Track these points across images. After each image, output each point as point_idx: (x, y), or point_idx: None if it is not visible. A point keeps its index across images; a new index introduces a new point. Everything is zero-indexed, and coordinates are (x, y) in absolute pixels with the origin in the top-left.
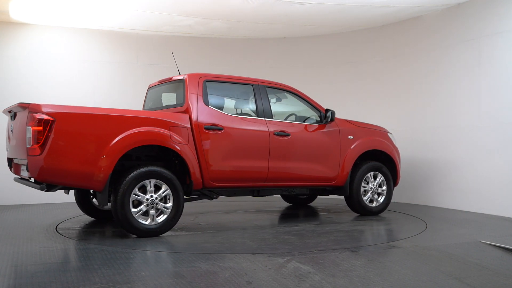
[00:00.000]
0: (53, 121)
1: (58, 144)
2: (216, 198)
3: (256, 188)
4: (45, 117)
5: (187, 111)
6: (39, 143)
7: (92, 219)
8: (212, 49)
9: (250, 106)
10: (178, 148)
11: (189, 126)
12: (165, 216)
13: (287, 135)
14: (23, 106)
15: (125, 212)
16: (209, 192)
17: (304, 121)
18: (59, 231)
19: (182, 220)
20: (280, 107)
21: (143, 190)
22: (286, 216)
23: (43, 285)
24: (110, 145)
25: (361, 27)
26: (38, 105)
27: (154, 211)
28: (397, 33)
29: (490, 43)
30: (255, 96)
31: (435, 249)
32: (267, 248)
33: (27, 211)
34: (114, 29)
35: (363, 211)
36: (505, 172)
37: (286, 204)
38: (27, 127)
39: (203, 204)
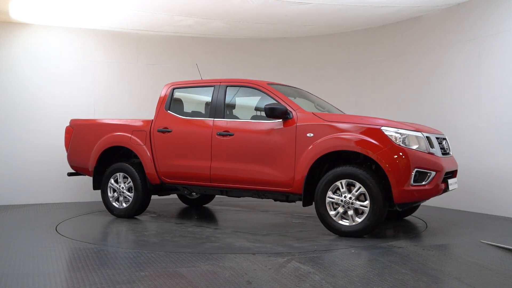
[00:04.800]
0: (73, 130)
1: (74, 145)
2: (187, 194)
3: (202, 186)
4: (69, 127)
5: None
6: (67, 144)
7: (90, 219)
8: (212, 49)
9: (206, 107)
10: (134, 148)
11: (148, 129)
12: (129, 203)
13: (231, 134)
14: None
15: (104, 196)
16: (182, 187)
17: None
18: (59, 231)
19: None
20: (250, 105)
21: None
22: (289, 217)
23: (43, 285)
24: (95, 146)
25: (361, 27)
26: (71, 120)
27: (122, 198)
28: (397, 33)
29: (490, 43)
30: (212, 96)
31: (435, 249)
32: (267, 248)
33: (27, 211)
34: (114, 29)
35: (331, 229)
36: (505, 172)
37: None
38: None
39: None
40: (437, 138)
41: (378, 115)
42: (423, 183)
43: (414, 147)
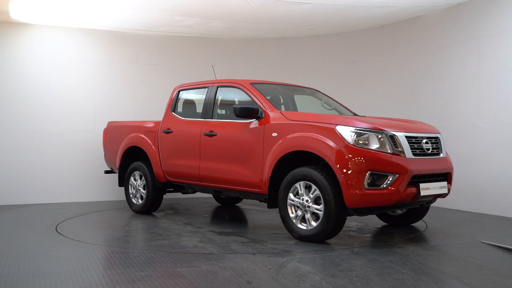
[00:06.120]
0: (107, 131)
1: (107, 145)
2: (190, 193)
3: (201, 186)
4: (105, 129)
5: None
6: (104, 145)
7: (90, 219)
8: (212, 49)
9: (200, 108)
10: (146, 148)
11: (156, 130)
12: (143, 200)
13: (214, 134)
14: None
15: (126, 193)
16: (187, 186)
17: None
18: (59, 231)
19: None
20: None
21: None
22: None
23: (43, 285)
24: (120, 146)
25: (361, 27)
26: (108, 122)
27: (139, 195)
28: (397, 33)
29: (490, 43)
30: (205, 97)
31: (435, 249)
32: (267, 248)
33: (27, 211)
34: (114, 29)
35: (291, 232)
36: (505, 172)
37: None
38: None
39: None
40: (414, 138)
41: (377, 115)
42: (382, 186)
43: (374, 147)
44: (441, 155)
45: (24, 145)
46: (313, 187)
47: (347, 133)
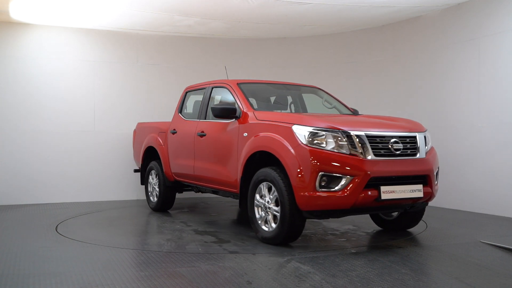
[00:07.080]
0: (136, 132)
1: (135, 143)
2: (196, 192)
3: (192, 184)
4: (135, 130)
5: None
6: (133, 144)
7: (90, 219)
8: (212, 49)
9: (199, 109)
10: (158, 148)
11: (166, 131)
12: (157, 198)
13: (204, 135)
14: None
15: (146, 191)
16: (194, 186)
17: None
18: (59, 231)
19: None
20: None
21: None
22: None
23: (43, 285)
24: (142, 145)
25: (361, 27)
26: (137, 123)
27: (155, 193)
28: (397, 33)
29: (490, 43)
30: (202, 98)
31: (435, 249)
32: (267, 248)
33: (27, 211)
34: (114, 29)
35: (256, 233)
36: (505, 172)
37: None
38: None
39: None
40: (379, 137)
41: (377, 114)
42: (335, 189)
43: (329, 147)
44: (418, 155)
45: (24, 145)
46: (273, 188)
47: (302, 132)
